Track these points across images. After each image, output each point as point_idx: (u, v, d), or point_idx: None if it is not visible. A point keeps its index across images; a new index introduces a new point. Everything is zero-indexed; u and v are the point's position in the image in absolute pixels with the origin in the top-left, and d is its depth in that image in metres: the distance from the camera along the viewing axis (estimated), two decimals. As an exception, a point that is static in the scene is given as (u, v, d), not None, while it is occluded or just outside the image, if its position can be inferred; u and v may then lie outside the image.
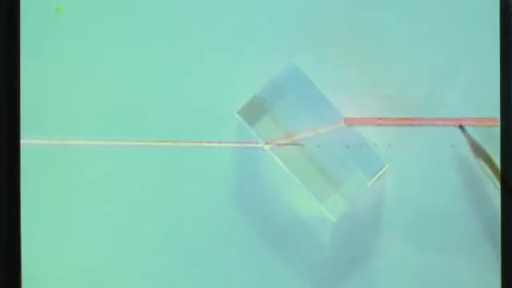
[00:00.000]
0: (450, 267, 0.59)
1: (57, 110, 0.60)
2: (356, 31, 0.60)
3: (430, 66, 0.60)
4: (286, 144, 0.58)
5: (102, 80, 0.61)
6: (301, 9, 0.60)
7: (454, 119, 0.60)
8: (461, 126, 0.59)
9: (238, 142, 0.60)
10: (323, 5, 0.60)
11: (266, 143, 0.59)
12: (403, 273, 0.59)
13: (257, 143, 0.59)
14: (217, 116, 0.60)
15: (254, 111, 0.58)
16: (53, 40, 0.61)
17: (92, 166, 0.60)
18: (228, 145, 0.60)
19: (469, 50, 0.60)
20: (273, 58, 0.60)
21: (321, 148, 0.58)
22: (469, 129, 0.59)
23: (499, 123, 0.59)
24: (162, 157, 0.60)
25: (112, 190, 0.60)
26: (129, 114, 0.60)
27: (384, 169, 0.58)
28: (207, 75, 0.60)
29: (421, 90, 0.60)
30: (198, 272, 0.60)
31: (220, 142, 0.60)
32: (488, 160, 0.58)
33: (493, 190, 0.59)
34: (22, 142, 0.60)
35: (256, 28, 0.60)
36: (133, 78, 0.61)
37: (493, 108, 0.59)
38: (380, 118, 0.60)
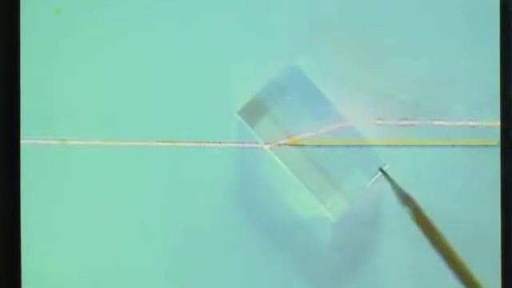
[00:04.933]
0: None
1: (57, 110, 0.60)
2: (356, 31, 0.60)
3: (430, 66, 0.60)
4: (286, 144, 0.58)
5: (102, 80, 0.61)
6: (301, 9, 0.60)
7: (453, 119, 0.60)
8: (381, 170, 0.58)
9: (238, 142, 0.60)
10: (323, 5, 0.60)
11: (266, 143, 0.59)
12: (403, 273, 0.59)
13: (257, 143, 0.59)
14: (217, 116, 0.60)
15: (254, 111, 0.58)
16: (53, 40, 0.61)
17: (92, 166, 0.60)
18: (228, 145, 0.60)
19: (469, 50, 0.60)
20: (273, 58, 0.60)
21: (321, 148, 0.58)
22: (468, 129, 0.59)
23: (499, 124, 0.59)
24: (161, 157, 0.60)
25: (112, 191, 0.60)
26: (128, 114, 0.60)
27: (384, 169, 0.58)
28: (207, 75, 0.60)
29: (421, 90, 0.60)
30: (198, 272, 0.60)
31: (220, 142, 0.60)
32: (417, 211, 0.58)
33: (493, 190, 0.59)
34: (22, 142, 0.60)
35: (256, 28, 0.60)
36: (133, 78, 0.61)
37: (493, 108, 0.59)
38: (380, 118, 0.60)
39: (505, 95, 0.59)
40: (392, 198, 0.59)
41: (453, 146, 0.59)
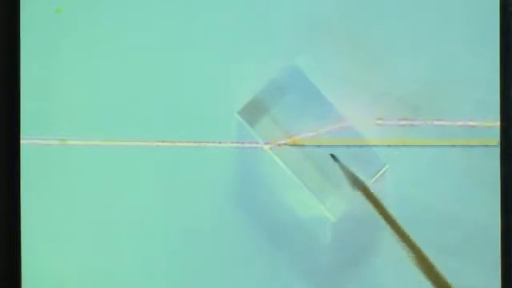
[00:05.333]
0: (450, 267, 0.59)
1: (57, 110, 0.60)
2: (356, 31, 0.60)
3: (430, 66, 0.60)
4: (286, 144, 0.58)
5: (102, 80, 0.61)
6: (301, 9, 0.60)
7: (453, 119, 0.60)
8: (333, 156, 0.58)
9: (238, 142, 0.60)
10: (323, 5, 0.60)
11: (266, 143, 0.59)
12: (403, 273, 0.59)
13: (257, 143, 0.59)
14: (217, 116, 0.60)
15: (254, 111, 0.58)
16: (53, 40, 0.61)
17: (92, 166, 0.60)
18: (228, 145, 0.60)
19: (469, 50, 0.60)
20: (273, 58, 0.60)
21: (321, 148, 0.58)
22: (468, 129, 0.59)
23: (499, 124, 0.59)
24: (161, 157, 0.60)
25: (112, 191, 0.60)
26: (128, 114, 0.60)
27: (384, 169, 0.58)
28: (207, 75, 0.60)
29: (421, 90, 0.60)
30: (198, 272, 0.60)
31: (220, 142, 0.60)
32: (368, 193, 0.58)
33: (493, 190, 0.59)
34: (22, 142, 0.60)
35: (256, 28, 0.60)
36: (133, 78, 0.61)
37: (493, 108, 0.59)
38: (380, 118, 0.60)
39: (505, 95, 0.59)
40: (392, 198, 0.59)
41: (453, 146, 0.59)
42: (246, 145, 0.60)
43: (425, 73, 0.60)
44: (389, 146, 0.59)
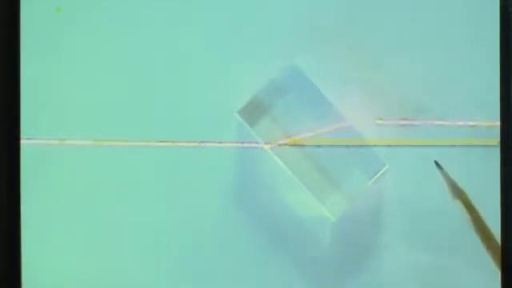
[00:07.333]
0: (450, 267, 0.59)
1: (57, 110, 0.60)
2: (356, 31, 0.60)
3: (430, 66, 0.60)
4: (286, 144, 0.58)
5: (102, 80, 0.61)
6: (301, 9, 0.60)
7: (453, 119, 0.60)
8: (436, 163, 0.58)
9: (238, 142, 0.60)
10: (323, 4, 0.60)
11: (266, 143, 0.59)
12: (403, 273, 0.59)
13: (257, 143, 0.59)
14: (217, 116, 0.60)
15: (254, 111, 0.58)
16: (53, 40, 0.61)
17: (92, 166, 0.60)
18: (228, 145, 0.60)
19: (469, 50, 0.60)
20: (273, 58, 0.60)
21: (321, 148, 0.58)
22: (468, 129, 0.59)
23: (499, 124, 0.59)
24: (161, 157, 0.60)
25: (112, 191, 0.60)
26: (128, 113, 0.60)
27: (384, 169, 0.58)
28: (207, 75, 0.60)
29: (421, 90, 0.60)
30: (198, 272, 0.60)
31: (220, 142, 0.60)
32: (467, 202, 0.58)
33: (493, 190, 0.59)
34: (22, 142, 0.60)
35: (256, 28, 0.60)
36: (132, 78, 0.61)
37: (493, 108, 0.59)
38: (380, 118, 0.60)
39: (505, 95, 0.59)
40: (392, 197, 0.59)
41: (453, 146, 0.59)
42: (246, 145, 0.60)
43: (425, 73, 0.60)
44: (389, 146, 0.59)
